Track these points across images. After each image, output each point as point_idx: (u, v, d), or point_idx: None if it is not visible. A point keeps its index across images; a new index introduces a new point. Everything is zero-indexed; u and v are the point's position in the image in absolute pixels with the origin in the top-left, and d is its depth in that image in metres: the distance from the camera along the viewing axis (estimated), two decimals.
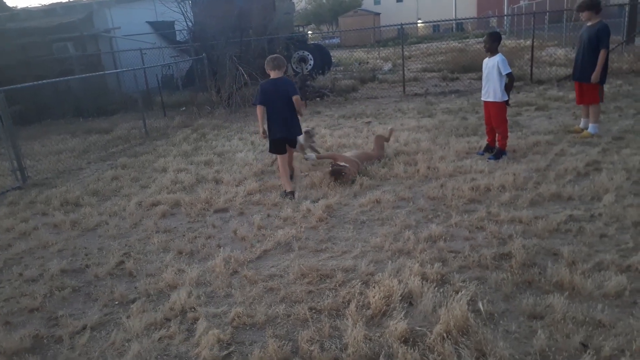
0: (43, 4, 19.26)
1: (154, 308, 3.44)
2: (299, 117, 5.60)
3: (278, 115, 5.41)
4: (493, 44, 6.05)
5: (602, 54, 6.45)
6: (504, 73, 5.92)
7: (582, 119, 7.09)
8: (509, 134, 6.30)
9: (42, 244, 4.87)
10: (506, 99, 6.05)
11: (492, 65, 6.01)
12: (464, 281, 3.35)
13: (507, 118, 6.23)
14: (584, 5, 6.60)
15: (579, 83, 6.85)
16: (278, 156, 5.62)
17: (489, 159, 6.13)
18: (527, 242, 3.81)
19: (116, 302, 3.61)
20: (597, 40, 6.48)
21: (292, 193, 5.50)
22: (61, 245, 4.81)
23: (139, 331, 3.15)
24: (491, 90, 6.10)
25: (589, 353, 2.52)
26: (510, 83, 6.02)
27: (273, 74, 5.43)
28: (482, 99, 6.31)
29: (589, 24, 6.65)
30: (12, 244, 4.95)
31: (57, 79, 9.34)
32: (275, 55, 5.56)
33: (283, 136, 5.48)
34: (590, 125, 6.80)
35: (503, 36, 28.04)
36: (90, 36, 16.55)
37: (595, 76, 6.52)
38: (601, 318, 2.81)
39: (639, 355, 2.50)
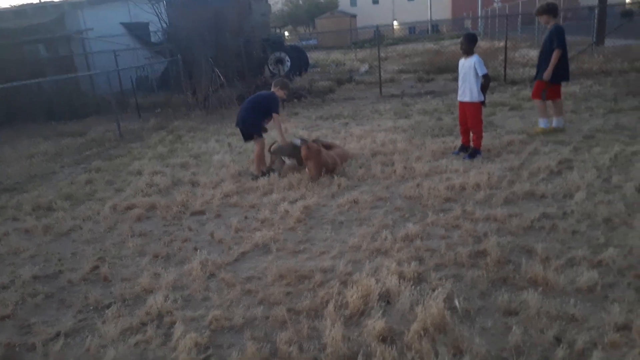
0: (13, 4, 18.79)
1: (129, 313, 3.39)
2: (267, 129, 6.54)
3: (240, 110, 6.45)
4: (469, 45, 6.13)
5: (555, 53, 6.72)
6: (480, 74, 6.01)
7: (554, 119, 7.26)
8: (483, 133, 6.40)
9: (13, 250, 4.74)
10: (482, 99, 6.14)
11: (469, 66, 6.09)
12: (440, 279, 3.39)
13: (482, 118, 6.33)
14: (542, 9, 6.93)
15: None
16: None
17: (465, 158, 6.21)
18: (501, 240, 3.86)
19: (91, 308, 3.54)
20: (550, 42, 6.78)
21: (260, 174, 6.33)
22: (33, 251, 4.70)
23: (114, 336, 3.10)
24: (467, 90, 6.17)
25: (563, 347, 2.57)
26: (486, 83, 6.12)
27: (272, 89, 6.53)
28: (459, 99, 6.39)
29: (548, 26, 6.97)
30: None
31: (28, 81, 9.13)
32: (280, 78, 6.93)
33: (237, 125, 6.50)
34: (539, 120, 7.20)
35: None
36: (62, 38, 16.23)
37: (547, 74, 6.81)
38: (574, 312, 2.87)
39: (611, 348, 2.57)
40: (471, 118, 6.22)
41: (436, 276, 3.43)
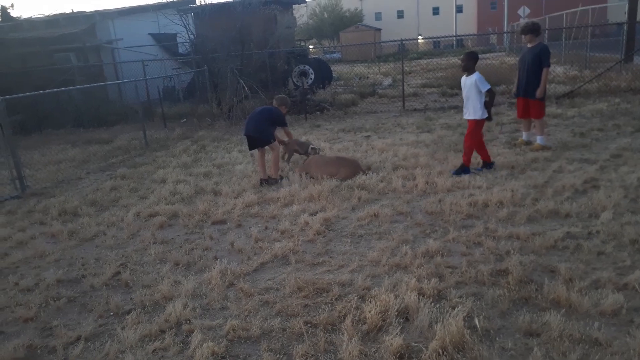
0: (46, 14, 19.38)
1: (149, 319, 3.43)
2: (278, 140, 7.03)
3: (250, 120, 6.69)
4: (469, 62, 6.15)
5: (545, 71, 6.98)
6: (483, 90, 6.01)
7: (524, 133, 7.60)
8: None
9: (39, 253, 4.86)
10: (486, 116, 6.13)
11: (471, 84, 6.10)
12: (460, 297, 3.34)
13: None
14: (527, 29, 7.12)
15: (524, 99, 7.25)
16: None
17: (451, 172, 6.24)
18: (524, 259, 3.80)
19: (111, 313, 3.60)
20: (540, 60, 6.96)
21: (262, 180, 6.62)
22: (58, 255, 4.80)
23: (133, 343, 3.13)
24: (471, 108, 6.18)
25: None
26: (491, 99, 6.10)
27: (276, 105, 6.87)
28: (464, 117, 6.41)
29: (529, 45, 7.19)
30: (8, 253, 4.94)
31: (58, 89, 9.39)
32: (280, 95, 7.21)
33: (249, 134, 6.62)
34: (538, 137, 7.24)
35: (503, 53, 28.20)
36: (93, 47, 16.66)
37: (540, 92, 6.97)
38: (598, 336, 2.80)
39: None
40: (468, 134, 6.21)
41: (456, 294, 3.39)
